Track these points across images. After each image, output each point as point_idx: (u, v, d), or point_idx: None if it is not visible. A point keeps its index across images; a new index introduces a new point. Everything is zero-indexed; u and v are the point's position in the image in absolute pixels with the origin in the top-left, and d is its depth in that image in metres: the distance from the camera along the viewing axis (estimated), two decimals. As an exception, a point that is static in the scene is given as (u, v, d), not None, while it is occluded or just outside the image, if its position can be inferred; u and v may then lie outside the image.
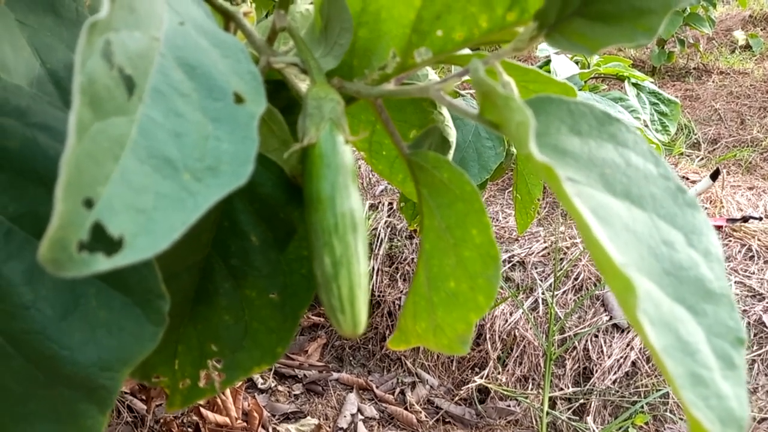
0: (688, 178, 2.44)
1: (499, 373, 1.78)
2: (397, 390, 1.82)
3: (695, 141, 3.39)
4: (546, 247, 1.97)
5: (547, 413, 1.55)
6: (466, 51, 0.37)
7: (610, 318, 1.76)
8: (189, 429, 1.47)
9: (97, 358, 0.27)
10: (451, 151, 0.43)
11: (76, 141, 0.18)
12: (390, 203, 2.18)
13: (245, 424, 1.46)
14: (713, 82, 4.14)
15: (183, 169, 0.21)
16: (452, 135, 0.44)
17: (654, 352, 0.22)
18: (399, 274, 2.02)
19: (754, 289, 1.74)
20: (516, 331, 1.81)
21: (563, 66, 1.34)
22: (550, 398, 1.67)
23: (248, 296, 0.37)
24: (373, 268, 2.04)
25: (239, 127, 0.23)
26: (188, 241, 0.26)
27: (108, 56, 0.20)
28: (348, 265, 0.29)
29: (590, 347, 1.73)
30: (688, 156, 3.15)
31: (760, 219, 1.96)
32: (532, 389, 1.74)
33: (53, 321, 0.27)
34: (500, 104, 0.24)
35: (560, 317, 1.76)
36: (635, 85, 1.69)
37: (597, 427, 1.60)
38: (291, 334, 0.38)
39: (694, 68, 4.40)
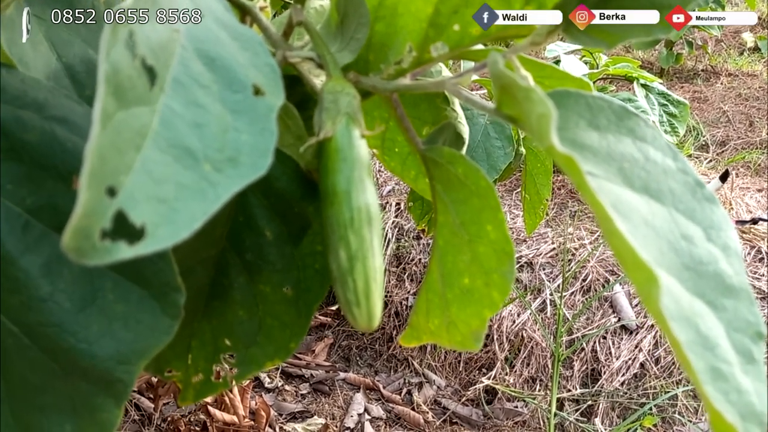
0: (696, 180, 2.43)
1: (506, 374, 1.78)
2: (404, 390, 1.82)
3: (704, 143, 3.37)
4: (554, 248, 1.96)
5: (555, 414, 1.54)
6: (480, 46, 0.37)
7: (619, 319, 1.76)
8: (196, 427, 1.47)
9: (114, 351, 0.27)
10: (465, 147, 0.43)
11: (100, 130, 0.18)
12: (398, 203, 2.18)
13: (252, 422, 1.46)
14: (721, 84, 4.12)
15: (203, 159, 0.21)
16: (465, 131, 0.44)
17: (676, 345, 0.22)
18: (407, 274, 2.02)
19: (764, 291, 1.73)
20: (524, 332, 1.80)
21: (572, 66, 1.33)
22: (558, 399, 1.67)
23: (262, 291, 0.37)
24: (381, 268, 2.03)
25: (258, 119, 0.23)
26: (203, 234, 0.26)
27: (131, 47, 0.20)
28: (363, 259, 0.29)
29: (598, 348, 1.72)
30: (696, 158, 3.13)
31: (770, 221, 1.95)
32: (539, 390, 1.73)
33: (71, 314, 0.27)
34: (520, 97, 0.24)
35: (568, 318, 1.76)
36: (644, 86, 1.68)
37: (605, 429, 1.59)
38: (304, 329, 0.38)
39: (702, 70, 4.38)
